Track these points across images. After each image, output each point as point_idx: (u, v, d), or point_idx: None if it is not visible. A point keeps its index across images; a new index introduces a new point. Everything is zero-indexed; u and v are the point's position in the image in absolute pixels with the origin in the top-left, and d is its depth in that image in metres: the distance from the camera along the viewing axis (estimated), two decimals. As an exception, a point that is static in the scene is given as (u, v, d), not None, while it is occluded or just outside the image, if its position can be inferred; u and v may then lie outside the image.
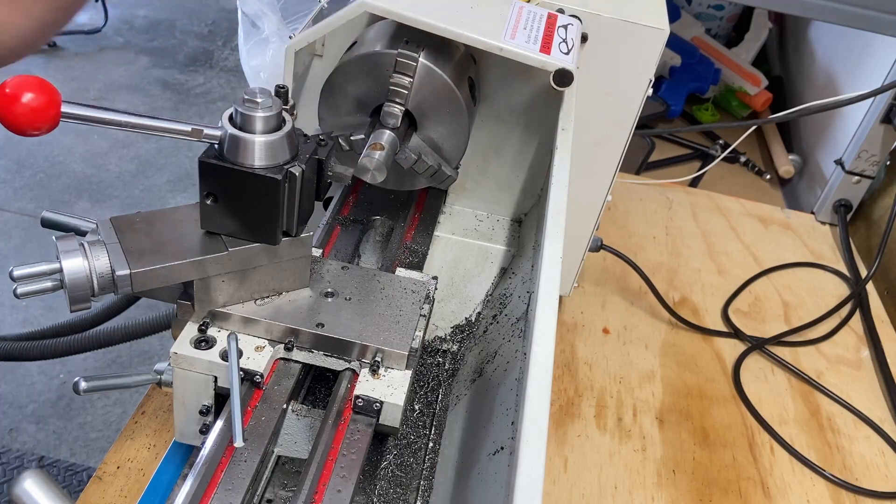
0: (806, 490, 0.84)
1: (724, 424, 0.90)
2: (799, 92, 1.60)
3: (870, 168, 1.22)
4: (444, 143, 0.70)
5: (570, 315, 1.00)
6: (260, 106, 0.52)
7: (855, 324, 1.08)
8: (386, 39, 0.67)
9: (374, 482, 0.63)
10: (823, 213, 1.28)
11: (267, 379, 0.59)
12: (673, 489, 0.81)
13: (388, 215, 0.81)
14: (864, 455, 0.90)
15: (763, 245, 1.21)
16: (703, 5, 1.71)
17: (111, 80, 2.09)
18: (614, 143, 0.79)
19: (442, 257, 0.82)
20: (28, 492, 0.27)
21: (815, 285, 1.14)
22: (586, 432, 0.85)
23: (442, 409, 0.73)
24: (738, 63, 1.61)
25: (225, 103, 2.04)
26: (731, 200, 1.30)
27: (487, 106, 0.77)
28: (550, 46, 0.67)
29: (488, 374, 0.69)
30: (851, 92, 1.12)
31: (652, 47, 0.73)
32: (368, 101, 0.68)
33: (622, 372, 0.94)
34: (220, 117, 0.54)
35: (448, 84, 0.66)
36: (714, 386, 0.95)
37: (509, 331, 0.70)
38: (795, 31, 1.71)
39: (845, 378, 0.99)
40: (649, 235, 1.18)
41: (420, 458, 0.67)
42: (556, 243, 0.55)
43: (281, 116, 0.54)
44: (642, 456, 0.84)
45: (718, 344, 1.01)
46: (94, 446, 1.42)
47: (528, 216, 0.85)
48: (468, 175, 0.83)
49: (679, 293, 1.08)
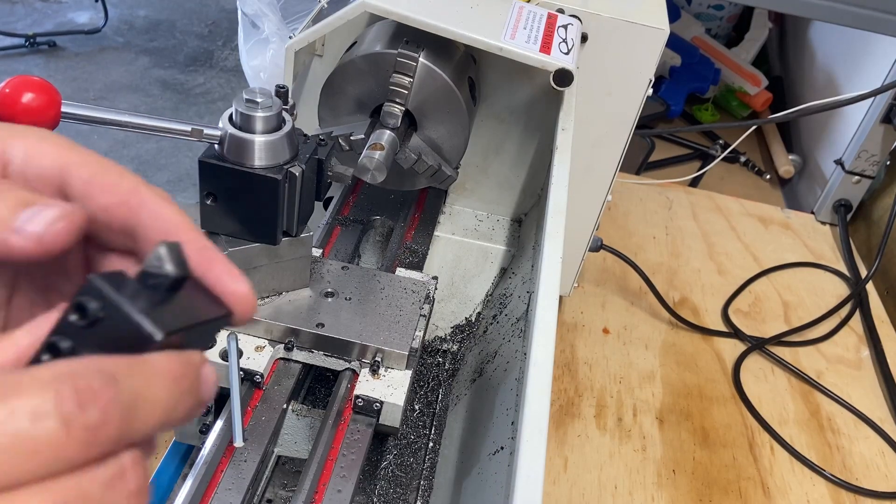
0: (806, 490, 0.84)
1: (724, 424, 0.90)
2: (799, 92, 1.60)
3: (870, 168, 1.22)
4: (444, 143, 0.70)
5: (571, 315, 1.00)
6: (260, 106, 0.52)
7: (855, 324, 1.08)
8: (386, 39, 0.67)
9: (374, 482, 0.63)
10: (823, 213, 1.28)
11: (267, 379, 0.59)
12: (673, 489, 0.81)
13: (388, 215, 0.81)
14: (864, 455, 0.89)
15: (763, 245, 1.21)
16: (703, 5, 1.71)
17: (111, 80, 2.09)
18: (614, 143, 0.79)
19: (442, 257, 0.82)
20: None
21: (815, 285, 1.14)
22: (586, 432, 0.85)
23: (442, 409, 0.73)
24: (738, 63, 1.61)
25: (225, 103, 2.04)
26: (731, 200, 1.30)
27: (487, 106, 0.77)
28: (550, 46, 0.67)
29: (488, 374, 0.69)
30: (851, 92, 1.12)
31: (652, 47, 0.73)
32: (368, 101, 0.68)
33: (622, 372, 0.94)
34: (220, 117, 0.54)
35: (448, 84, 0.66)
36: (714, 386, 0.95)
37: (509, 331, 0.70)
38: (795, 31, 1.71)
39: (845, 378, 0.99)
40: (649, 235, 1.18)
41: (420, 458, 0.67)
42: (556, 243, 0.55)
43: (281, 116, 0.54)
44: (642, 456, 0.84)
45: (718, 344, 1.01)
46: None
47: (528, 216, 0.85)
48: (468, 175, 0.83)
49: (679, 293, 1.08)
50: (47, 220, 0.27)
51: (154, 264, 0.26)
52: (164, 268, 0.26)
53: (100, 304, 0.25)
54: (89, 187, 0.30)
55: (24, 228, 0.27)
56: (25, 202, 0.27)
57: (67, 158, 0.30)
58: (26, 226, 0.27)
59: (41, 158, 0.30)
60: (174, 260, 0.26)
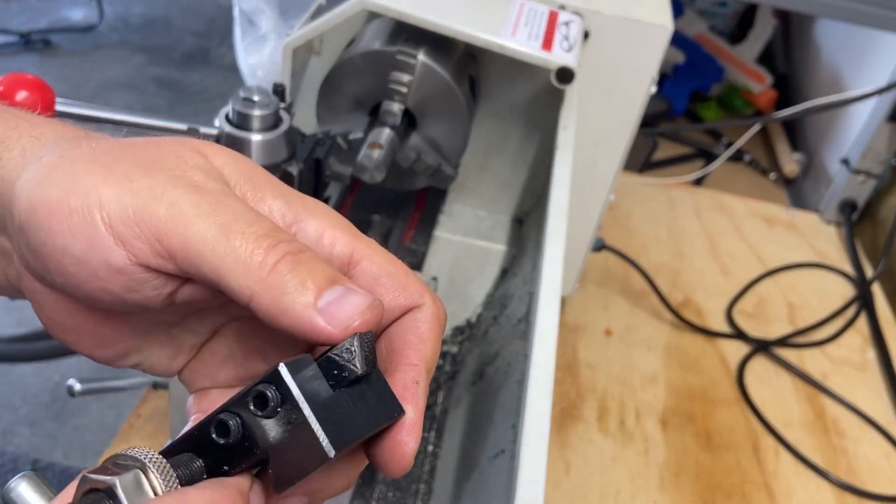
0: (811, 493, 0.83)
1: (728, 427, 0.89)
2: (804, 90, 1.59)
3: (876, 167, 1.21)
4: (443, 142, 0.69)
5: (572, 316, 0.99)
6: (257, 104, 0.52)
7: (860, 325, 1.07)
8: (385, 37, 0.67)
9: (373, 486, 0.62)
10: (829, 213, 1.27)
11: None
12: (676, 493, 0.80)
13: (387, 215, 0.80)
14: (869, 458, 0.89)
15: (767, 245, 1.19)
16: (707, 2, 1.70)
17: (106, 78, 2.08)
18: (616, 142, 0.78)
19: (442, 257, 0.81)
20: (22, 495, 0.26)
21: (820, 286, 1.13)
22: (588, 435, 0.84)
23: (442, 411, 0.72)
24: (743, 61, 1.60)
25: (222, 102, 2.04)
26: (735, 200, 1.29)
27: (488, 104, 0.77)
28: (552, 44, 0.66)
29: (489, 377, 0.68)
30: (857, 90, 1.11)
31: (655, 45, 0.72)
32: (367, 100, 0.68)
33: (624, 374, 0.93)
34: (217, 116, 0.53)
35: (448, 82, 0.65)
36: (718, 388, 0.94)
37: (510, 332, 0.69)
38: (800, 29, 1.70)
39: (851, 380, 0.98)
40: (652, 235, 1.17)
41: (419, 462, 0.66)
42: (557, 243, 0.54)
43: (278, 115, 0.53)
44: (645, 459, 0.83)
45: (722, 346, 1.00)
46: (89, 449, 1.41)
47: (529, 216, 0.84)
48: (468, 174, 0.82)
49: (682, 294, 1.07)
50: (359, 309, 0.25)
51: (343, 356, 0.25)
52: (353, 363, 0.25)
53: (278, 399, 0.24)
54: (376, 283, 0.28)
55: (334, 313, 0.25)
56: (331, 280, 0.26)
57: (357, 247, 0.28)
58: (336, 311, 0.25)
59: (334, 243, 0.28)
60: (364, 355, 0.26)
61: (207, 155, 0.28)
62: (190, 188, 0.25)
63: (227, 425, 0.25)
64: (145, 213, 0.25)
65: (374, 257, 0.29)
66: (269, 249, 0.25)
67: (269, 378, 0.25)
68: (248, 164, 0.29)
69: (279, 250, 0.25)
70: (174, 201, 0.25)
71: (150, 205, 0.25)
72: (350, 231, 0.29)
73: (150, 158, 0.26)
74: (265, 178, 0.29)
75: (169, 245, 0.25)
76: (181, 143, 0.28)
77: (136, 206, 0.25)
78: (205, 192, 0.26)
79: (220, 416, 0.25)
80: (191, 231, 0.25)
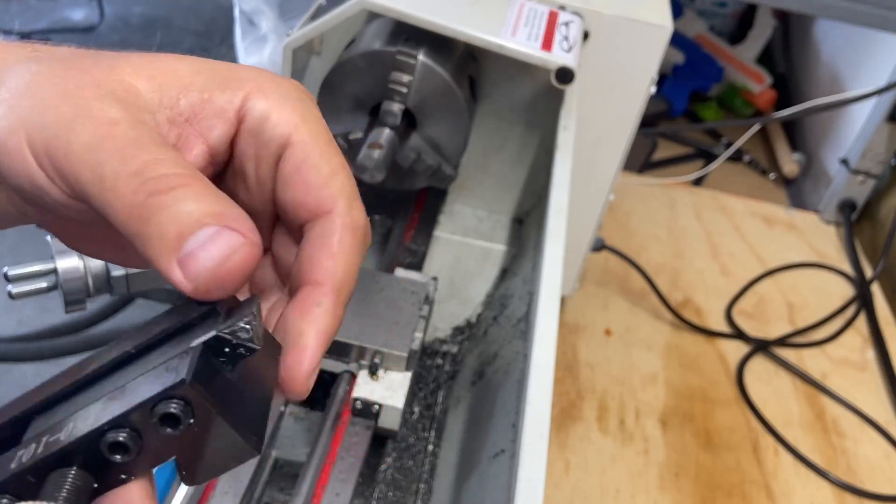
0: (810, 493, 0.83)
1: (728, 427, 0.89)
2: (804, 90, 1.59)
3: (875, 167, 1.21)
4: (443, 142, 0.69)
5: (572, 316, 0.99)
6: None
7: (860, 325, 1.07)
8: (385, 37, 0.67)
9: (373, 485, 0.62)
10: (828, 213, 1.27)
11: (264, 381, 0.58)
12: (676, 493, 0.80)
13: (387, 215, 0.80)
14: (869, 458, 0.89)
15: (767, 245, 1.20)
16: (707, 2, 1.70)
17: (109, 79, 2.08)
18: (616, 142, 0.78)
19: (442, 257, 0.81)
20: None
21: (819, 286, 1.13)
22: (588, 435, 0.85)
23: (442, 411, 0.72)
24: (742, 61, 1.60)
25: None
26: (734, 200, 1.29)
27: (488, 104, 0.77)
28: (552, 44, 0.66)
29: (489, 376, 0.68)
30: (857, 90, 1.11)
31: (654, 45, 0.72)
32: (367, 100, 0.68)
33: (624, 374, 0.93)
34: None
35: (448, 82, 0.65)
36: (717, 388, 0.94)
37: (510, 332, 0.69)
38: (800, 29, 1.70)
39: (850, 380, 0.98)
40: (652, 235, 1.17)
41: (419, 461, 0.66)
42: (557, 243, 0.54)
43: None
44: (645, 459, 0.83)
45: (722, 345, 1.00)
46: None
47: (529, 216, 0.84)
48: (468, 174, 0.82)
49: (682, 294, 1.07)
50: (223, 252, 0.23)
51: (239, 335, 0.24)
52: (246, 343, 0.24)
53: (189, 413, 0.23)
54: (295, 175, 0.27)
55: (190, 265, 0.23)
56: (199, 221, 0.23)
57: (298, 130, 0.27)
58: (192, 264, 0.23)
59: (276, 124, 0.27)
60: (254, 334, 0.24)
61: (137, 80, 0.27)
62: (88, 122, 0.25)
63: (125, 445, 0.23)
64: (51, 146, 0.25)
65: (307, 145, 0.27)
66: (135, 191, 0.24)
67: (170, 392, 0.22)
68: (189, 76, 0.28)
69: (144, 190, 0.23)
70: (70, 139, 0.25)
71: (52, 143, 0.25)
72: (297, 111, 0.28)
73: (75, 87, 0.26)
74: (207, 78, 0.28)
75: (66, 179, 0.25)
76: (110, 70, 0.27)
77: (46, 140, 0.25)
78: (99, 123, 0.25)
79: (108, 433, 0.23)
80: (78, 170, 0.24)
